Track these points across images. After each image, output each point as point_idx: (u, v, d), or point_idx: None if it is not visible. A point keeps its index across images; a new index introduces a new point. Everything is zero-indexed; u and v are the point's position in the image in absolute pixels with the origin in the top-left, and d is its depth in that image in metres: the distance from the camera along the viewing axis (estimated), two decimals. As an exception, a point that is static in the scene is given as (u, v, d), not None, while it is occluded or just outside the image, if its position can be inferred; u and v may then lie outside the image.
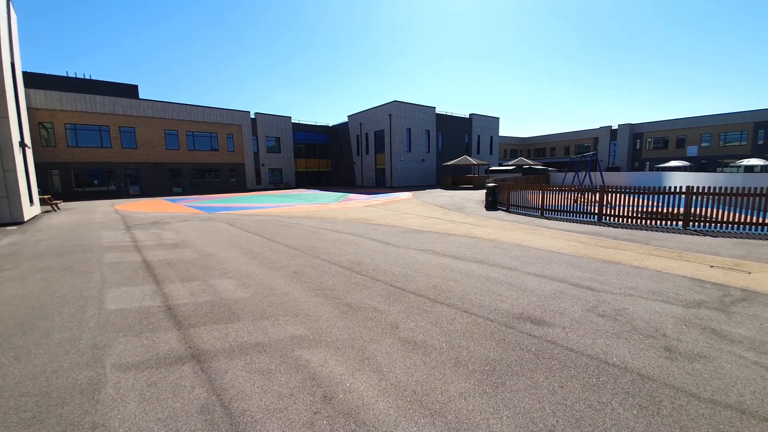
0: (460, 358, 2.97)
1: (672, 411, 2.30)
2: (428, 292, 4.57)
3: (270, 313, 4.00)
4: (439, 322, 3.68)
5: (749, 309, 3.86)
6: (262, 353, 3.12)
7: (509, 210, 13.28)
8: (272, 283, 5.11)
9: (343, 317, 3.85)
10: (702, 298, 4.21)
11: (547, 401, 2.42)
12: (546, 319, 3.70)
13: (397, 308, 4.06)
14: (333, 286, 4.87)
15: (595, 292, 4.48)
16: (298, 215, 13.44)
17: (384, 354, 3.06)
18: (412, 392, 2.53)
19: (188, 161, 33.88)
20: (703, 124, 44.69)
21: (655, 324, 3.53)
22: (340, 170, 45.02)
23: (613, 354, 3.00)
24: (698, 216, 8.78)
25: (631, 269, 5.43)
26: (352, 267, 5.82)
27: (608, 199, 10.19)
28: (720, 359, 2.88)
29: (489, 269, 5.53)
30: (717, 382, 2.57)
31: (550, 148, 62.81)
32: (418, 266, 5.78)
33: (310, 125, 44.54)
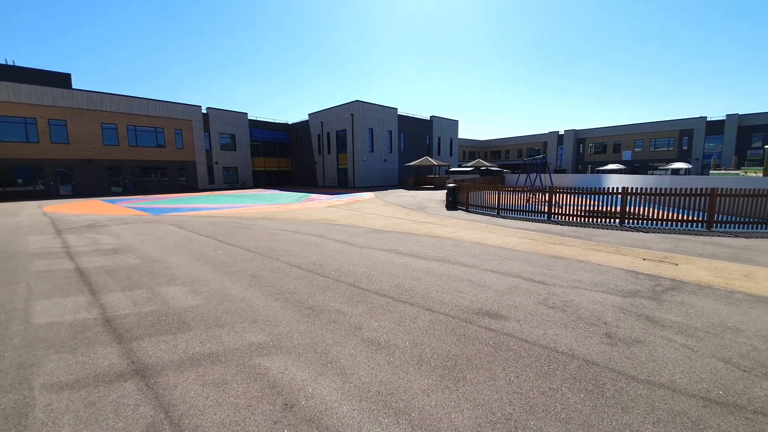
0: (423, 356, 3.01)
1: (614, 393, 2.50)
2: (391, 291, 4.59)
3: (225, 321, 3.78)
4: (403, 321, 3.71)
5: (677, 297, 4.34)
6: (216, 364, 2.93)
7: (468, 210, 13.79)
8: (227, 288, 4.83)
9: (305, 321, 3.74)
10: (637, 288, 4.66)
11: (504, 391, 2.53)
12: (503, 313, 3.88)
13: (361, 309, 4.03)
14: (294, 290, 4.72)
15: (545, 285, 4.77)
16: (256, 216, 12.88)
17: (347, 356, 3.02)
18: (376, 393, 2.51)
19: (130, 158, 31.11)
20: (637, 131, 49.77)
21: (598, 313, 3.84)
22: (301, 170, 43.93)
23: (562, 342, 3.21)
24: (632, 214, 9.74)
25: (576, 263, 5.88)
26: (315, 269, 5.69)
27: (556, 199, 10.97)
28: (654, 343, 3.19)
29: (450, 267, 5.69)
30: (652, 364, 2.86)
31: (505, 150, 66.30)
32: (381, 266, 5.78)
33: (268, 122, 42.92)
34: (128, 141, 30.94)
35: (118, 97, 30.23)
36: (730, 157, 39.36)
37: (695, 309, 3.93)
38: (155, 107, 32.19)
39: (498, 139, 67.68)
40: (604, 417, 2.26)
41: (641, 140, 49.49)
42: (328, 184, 38.71)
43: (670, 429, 2.14)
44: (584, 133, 55.16)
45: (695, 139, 44.52)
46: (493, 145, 68.29)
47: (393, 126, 37.77)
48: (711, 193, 8.88)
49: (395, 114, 37.86)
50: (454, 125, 46.31)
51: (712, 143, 43.60)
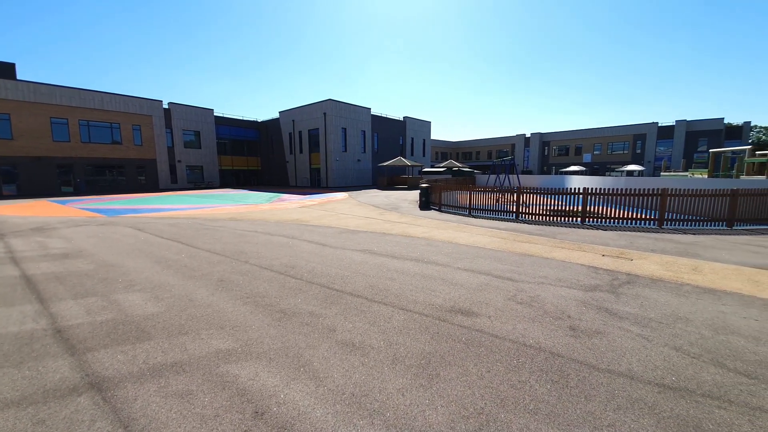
0: (397, 355, 3.02)
1: (578, 382, 2.63)
2: (366, 292, 4.57)
3: (190, 328, 3.59)
4: (377, 321, 3.70)
5: (632, 290, 4.64)
6: (180, 373, 2.77)
7: (441, 209, 14.04)
8: (192, 293, 4.60)
9: (276, 325, 3.63)
10: (597, 282, 4.94)
11: (477, 386, 2.59)
12: (474, 310, 3.97)
13: (335, 311, 3.97)
14: (265, 293, 4.58)
15: (514, 282, 4.95)
16: (224, 217, 12.39)
17: (321, 359, 2.96)
18: (351, 395, 2.48)
19: (83, 156, 28.91)
20: (595, 135, 52.90)
21: (562, 307, 4.03)
22: (271, 169, 42.77)
23: (530, 336, 3.34)
24: (592, 213, 10.34)
25: (542, 260, 6.14)
26: (286, 271, 5.55)
27: (523, 199, 11.42)
28: (612, 334, 3.40)
29: (423, 266, 5.75)
30: (611, 354, 3.03)
31: (475, 152, 68.17)
32: (355, 267, 5.74)
33: (236, 119, 41.37)
34: (80, 137, 28.73)
35: (69, 90, 27.99)
36: (679, 160, 42.83)
37: (649, 301, 4.22)
38: (111, 101, 30.12)
39: (469, 140, 69.49)
40: (569, 406, 2.37)
41: (600, 144, 52.67)
42: (301, 184, 38.00)
43: (629, 415, 2.28)
44: (549, 136, 57.90)
45: (648, 143, 48.03)
46: (464, 146, 70.01)
47: (366, 126, 37.72)
48: (662, 193, 9.60)
49: (368, 114, 37.83)
50: (426, 126, 47.00)
51: (663, 147, 47.22)
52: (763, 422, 2.20)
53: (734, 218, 9.26)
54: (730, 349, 3.07)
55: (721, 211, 9.36)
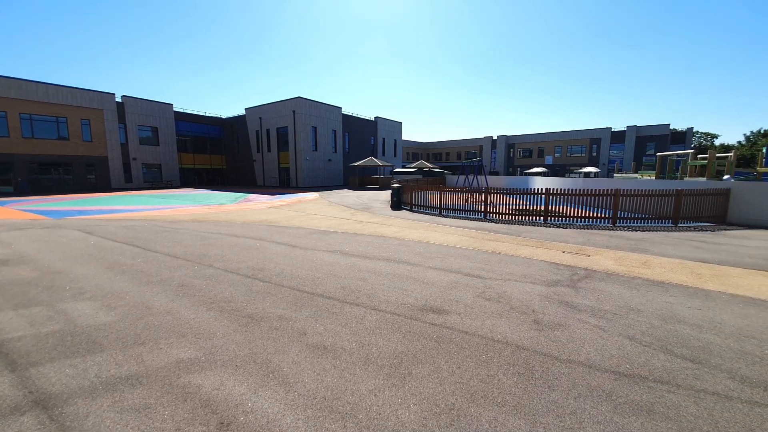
0: (369, 356, 3.00)
1: (542, 373, 2.75)
2: (337, 293, 4.51)
3: (147, 338, 3.36)
4: (349, 322, 3.66)
5: (590, 284, 4.93)
6: (136, 386, 2.58)
7: (412, 209, 14.19)
8: (149, 300, 4.31)
9: (242, 331, 3.48)
10: (558, 277, 5.20)
11: (448, 382, 2.63)
12: (445, 307, 4.04)
13: (305, 313, 3.88)
14: (230, 298, 4.39)
15: (483, 279, 5.10)
16: (185, 219, 11.76)
17: (291, 364, 2.88)
18: (322, 399, 2.43)
19: (24, 152, 26.33)
20: (556, 138, 55.89)
21: (527, 302, 4.21)
22: (237, 168, 41.19)
23: (498, 331, 3.45)
24: (554, 212, 10.90)
25: (508, 258, 6.38)
26: (254, 274, 5.36)
27: (491, 199, 11.82)
28: (573, 326, 3.58)
29: (395, 266, 5.77)
30: (572, 345, 3.20)
31: (445, 153, 69.65)
32: (326, 268, 5.66)
33: (198, 115, 39.38)
34: (22, 132, 26.15)
35: (7, 80, 25.36)
36: (630, 163, 46.24)
37: (605, 294, 4.50)
38: (57, 93, 27.65)
39: (439, 141, 70.89)
40: (534, 396, 2.46)
41: (560, 147, 55.72)
42: (269, 184, 36.93)
43: (589, 402, 2.41)
44: (514, 139, 60.40)
45: (602, 146, 51.44)
46: (434, 147, 71.32)
47: (337, 125, 37.37)
48: (615, 193, 10.31)
49: (339, 113, 37.51)
50: (398, 127, 47.36)
51: (616, 150, 50.80)
52: (707, 403, 2.41)
53: (679, 216, 10.13)
54: (677, 337, 3.34)
55: (667, 210, 10.21)
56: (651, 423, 2.20)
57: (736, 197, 10.41)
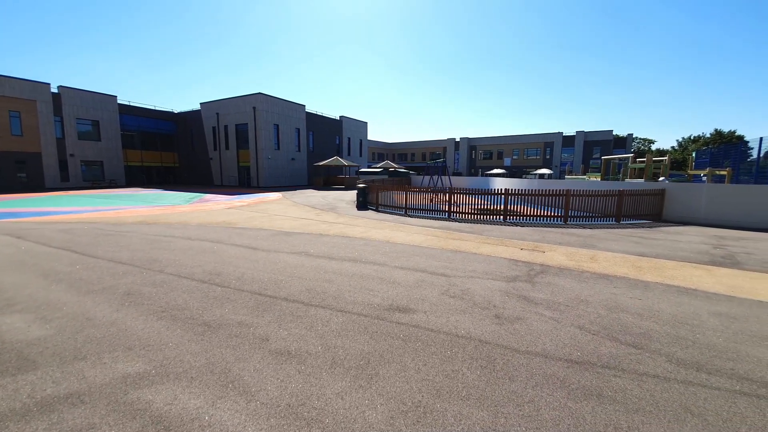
0: (336, 359, 2.94)
1: (503, 366, 2.86)
2: (302, 296, 4.39)
3: (88, 352, 3.05)
4: (314, 325, 3.57)
5: (545, 279, 5.23)
6: (77, 406, 2.33)
7: (378, 209, 14.23)
8: (91, 311, 3.92)
9: (198, 340, 3.27)
10: (517, 273, 5.47)
11: (414, 380, 2.65)
12: (411, 306, 4.08)
13: (268, 319, 3.73)
14: (184, 305, 4.11)
15: (447, 277, 5.22)
16: (131, 221, 10.87)
17: (252, 372, 2.75)
18: (287, 406, 2.35)
19: (-65, 147, 22.91)
20: (514, 141, 58.88)
21: (489, 298, 4.37)
22: (192, 166, 38.84)
23: (461, 327, 3.55)
24: (512, 211, 11.46)
25: (471, 256, 6.59)
26: (211, 279, 5.06)
27: (455, 199, 12.18)
28: (530, 319, 3.77)
29: (361, 267, 5.74)
30: (530, 337, 3.36)
31: (410, 153, 70.69)
32: (290, 270, 5.49)
33: (147, 109, 36.57)
34: (-72, 123, 22.68)
35: None
36: (579, 165, 49.86)
37: (558, 287, 4.80)
38: (-23, 80, 24.36)
39: (404, 142, 71.81)
40: (496, 388, 2.56)
41: (518, 149, 58.80)
42: (228, 183, 35.24)
43: (545, 390, 2.54)
44: (475, 141, 62.76)
45: (555, 149, 54.99)
46: (399, 147, 72.12)
47: (301, 123, 36.53)
48: (566, 194, 11.06)
49: (303, 111, 36.70)
50: (363, 126, 47.31)
51: (567, 153, 54.53)
52: (648, 385, 2.64)
53: (621, 214, 11.07)
54: (621, 325, 3.63)
55: (611, 209, 11.12)
56: (601, 406, 2.37)
57: (669, 197, 11.59)
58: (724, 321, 3.74)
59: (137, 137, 35.88)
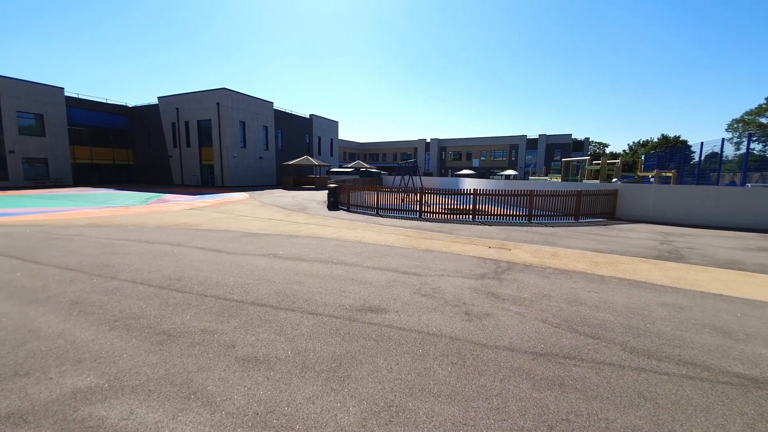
0: (306, 363, 2.87)
1: (473, 361, 2.93)
2: (271, 299, 4.25)
3: (32, 367, 2.76)
4: (284, 329, 3.47)
5: (511, 275, 5.43)
6: (20, 426, 2.10)
7: (350, 209, 14.13)
8: (34, 322, 3.57)
9: (156, 350, 3.07)
10: (485, 271, 5.64)
11: (386, 380, 2.65)
12: (383, 306, 4.08)
13: (234, 324, 3.58)
14: (140, 313, 3.84)
15: (419, 276, 5.28)
16: (80, 223, 10.03)
17: (217, 381, 2.62)
18: (254, 414, 2.26)
19: None
20: (481, 143, 60.85)
21: (459, 295, 4.47)
22: (148, 164, 36.56)
23: (433, 325, 3.59)
24: (481, 211, 11.82)
25: (442, 255, 6.72)
26: (170, 284, 4.78)
27: (425, 199, 12.36)
28: (498, 314, 3.90)
29: (333, 267, 5.67)
30: (497, 332, 3.47)
31: (382, 153, 70.92)
32: (258, 273, 5.30)
33: (98, 102, 33.95)
34: None
35: None
36: (542, 166, 52.46)
37: (523, 283, 5.00)
38: None
39: (376, 142, 71.94)
40: (466, 383, 2.62)
41: (485, 151, 60.85)
42: (189, 183, 33.54)
43: (512, 383, 2.63)
44: (445, 142, 64.16)
45: (520, 151, 57.48)
46: (371, 147, 72.15)
47: (269, 121, 35.50)
48: (530, 194, 11.57)
49: (271, 108, 35.68)
50: (334, 126, 46.83)
51: (530, 155, 57.18)
52: (605, 373, 2.80)
53: (579, 213, 11.76)
54: (580, 317, 3.85)
55: (570, 208, 11.78)
56: (563, 395, 2.49)
57: (622, 197, 12.46)
58: (671, 311, 4.07)
59: (87, 133, 33.23)
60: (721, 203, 10.84)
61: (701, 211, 11.07)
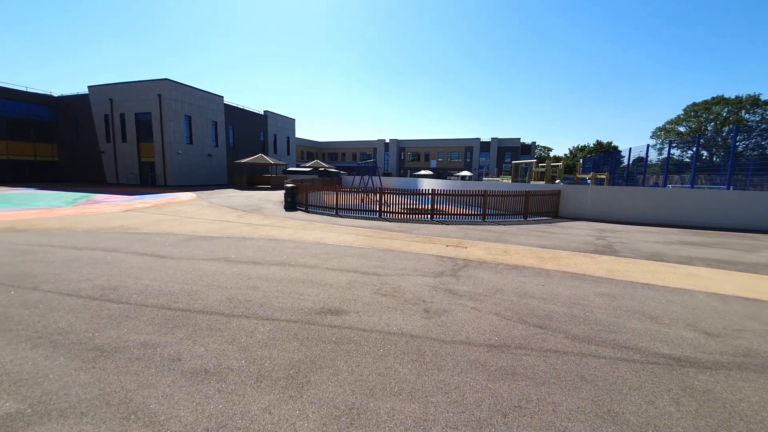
0: (262, 372, 2.73)
1: (432, 357, 2.99)
2: (222, 307, 4.00)
3: None
4: (237, 338, 3.27)
5: (468, 272, 5.64)
6: None
7: (308, 210, 13.79)
8: (-74, 345, 3.00)
9: (89, 368, 2.74)
10: (443, 269, 5.80)
11: (347, 382, 2.60)
12: (344, 308, 4.02)
13: (179, 335, 3.30)
14: (68, 328, 3.41)
15: (379, 276, 5.28)
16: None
17: (161, 398, 2.39)
18: (204, 430, 2.09)
19: None
20: (439, 145, 62.77)
21: (418, 293, 4.54)
22: (76, 161, 32.77)
23: (393, 324, 3.61)
24: (439, 210, 12.17)
25: (401, 254, 6.80)
26: (104, 295, 4.30)
27: (385, 199, 12.44)
28: (455, 311, 4.02)
29: (291, 270, 5.47)
30: (455, 327, 3.58)
31: (341, 153, 70.22)
32: (207, 279, 4.96)
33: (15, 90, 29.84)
34: None
35: None
36: (494, 168, 55.37)
37: (478, 279, 5.22)
38: None
39: (334, 141, 71.07)
40: (426, 379, 2.66)
41: (443, 152, 62.88)
42: (126, 182, 30.64)
43: (469, 375, 2.73)
44: (404, 143, 65.21)
45: (474, 153, 60.18)
46: (330, 147, 71.15)
47: (219, 116, 33.53)
48: (484, 194, 12.14)
49: (221, 102, 33.73)
50: (291, 123, 45.46)
51: (484, 157, 60.13)
52: (552, 360, 3.01)
53: (528, 212, 12.57)
54: (529, 309, 4.10)
55: (520, 207, 12.55)
56: (515, 383, 2.63)
57: (564, 197, 13.54)
58: (606, 300, 4.49)
59: (2, 125, 28.91)
60: (647, 202, 12.24)
61: (630, 209, 12.41)
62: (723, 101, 45.69)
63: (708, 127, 46.67)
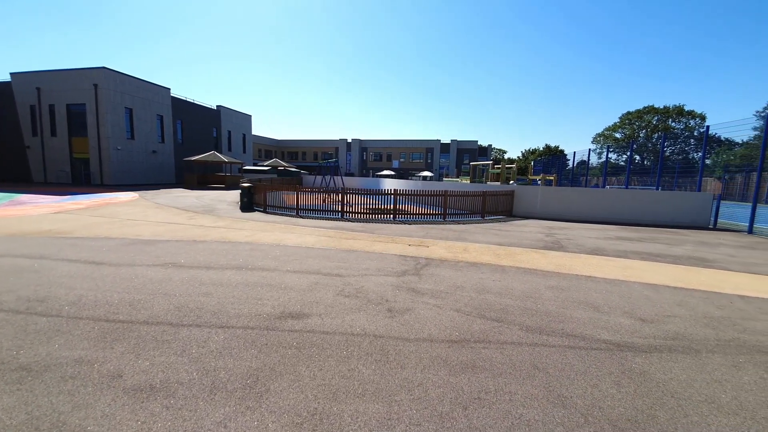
0: (216, 383, 2.57)
1: (395, 356, 3.00)
2: (170, 316, 3.70)
3: None
4: (187, 349, 3.04)
5: (429, 270, 5.75)
6: None
7: (266, 211, 13.27)
8: None
9: (13, 391, 2.39)
10: (406, 268, 5.86)
11: (309, 388, 2.53)
12: (305, 311, 3.91)
13: (120, 350, 3.00)
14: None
15: (342, 277, 5.21)
16: None
17: (100, 419, 2.15)
18: (149, 453, 1.91)
19: None
20: (401, 145, 63.61)
21: (382, 293, 4.55)
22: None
23: (357, 325, 3.58)
24: (401, 210, 12.31)
25: (364, 254, 6.77)
26: (30, 307, 3.80)
27: (347, 199, 12.34)
28: (418, 309, 4.08)
29: (248, 274, 5.22)
30: (418, 325, 3.63)
31: (301, 152, 68.56)
32: (152, 287, 4.57)
33: None
34: None
35: None
36: (453, 169, 57.26)
37: (440, 277, 5.35)
38: None
39: (295, 140, 69.22)
40: (390, 379, 2.66)
41: (405, 153, 63.82)
42: (56, 180, 27.48)
43: (431, 372, 2.77)
44: (366, 143, 65.22)
45: (435, 155, 61.80)
46: (290, 146, 69.18)
47: (165, 110, 31.18)
48: (444, 194, 12.50)
49: (168, 95, 31.40)
50: (247, 120, 43.52)
51: (444, 158, 61.97)
52: (508, 352, 3.15)
53: (485, 211, 13.14)
54: (487, 304, 4.27)
55: (477, 206, 13.09)
56: (475, 376, 2.72)
57: (517, 197, 14.35)
58: (555, 292, 4.81)
59: None
60: (589, 201, 13.38)
61: (575, 208, 13.47)
62: (653, 110, 51.33)
63: (640, 134, 52.13)
